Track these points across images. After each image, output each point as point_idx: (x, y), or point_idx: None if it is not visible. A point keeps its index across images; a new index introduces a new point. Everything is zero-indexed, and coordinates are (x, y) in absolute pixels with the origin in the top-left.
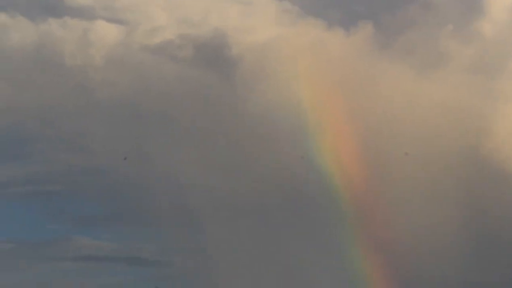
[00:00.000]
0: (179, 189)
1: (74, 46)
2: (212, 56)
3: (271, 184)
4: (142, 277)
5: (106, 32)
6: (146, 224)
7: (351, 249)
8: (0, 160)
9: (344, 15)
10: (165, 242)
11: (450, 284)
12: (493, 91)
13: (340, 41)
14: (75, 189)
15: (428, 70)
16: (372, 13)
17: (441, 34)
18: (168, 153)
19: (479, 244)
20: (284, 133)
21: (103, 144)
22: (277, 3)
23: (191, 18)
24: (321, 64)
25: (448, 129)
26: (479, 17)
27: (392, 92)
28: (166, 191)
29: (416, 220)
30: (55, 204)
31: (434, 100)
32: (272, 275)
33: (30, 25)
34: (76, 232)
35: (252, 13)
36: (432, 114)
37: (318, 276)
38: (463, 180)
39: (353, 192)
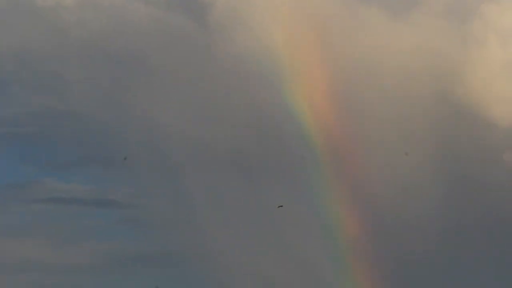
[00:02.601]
0: (153, 133)
1: None
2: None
3: (246, 129)
4: (114, 220)
5: None
6: (119, 167)
7: (325, 193)
8: None
9: None
10: (138, 185)
11: (424, 225)
12: (467, 35)
13: None
14: (48, 131)
15: (401, 14)
16: None
17: None
18: (142, 96)
19: (453, 186)
20: (259, 78)
21: (77, 86)
22: None
23: None
24: (295, 9)
25: (421, 73)
26: None
27: (365, 36)
28: (140, 135)
29: (390, 162)
30: (27, 147)
31: (407, 44)
32: (246, 220)
33: None
34: (48, 174)
35: None
36: (405, 58)
37: (292, 221)
38: (437, 124)
39: (328, 136)
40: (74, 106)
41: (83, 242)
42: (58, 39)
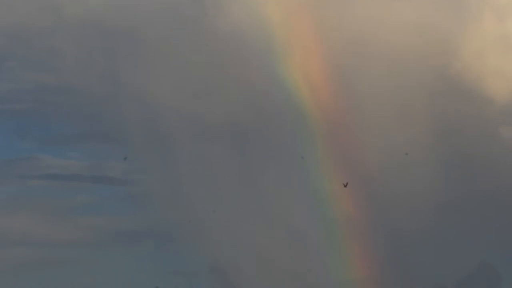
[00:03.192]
0: (149, 109)
1: None
2: None
3: (241, 103)
4: (109, 196)
5: None
6: (115, 143)
7: (319, 167)
8: None
9: None
10: (133, 161)
11: (420, 202)
12: (462, 11)
13: None
14: (43, 107)
15: None
16: None
17: None
18: (138, 71)
19: (449, 161)
20: (253, 52)
21: (73, 62)
22: None
23: None
24: None
25: (417, 47)
26: None
27: (361, 10)
28: (136, 110)
29: (385, 138)
30: (23, 123)
31: (404, 19)
32: (240, 195)
33: None
34: (43, 150)
35: None
36: (401, 32)
37: (284, 194)
38: (432, 99)
39: (322, 109)
40: (70, 82)
41: (79, 217)
42: (54, 16)
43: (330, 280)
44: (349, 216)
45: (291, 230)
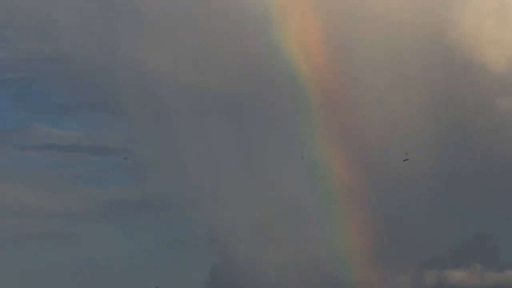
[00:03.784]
0: (147, 79)
1: None
2: None
3: (238, 74)
4: (106, 166)
5: None
6: (112, 113)
7: (316, 137)
8: None
9: None
10: (130, 132)
11: (417, 172)
12: None
13: None
14: (40, 77)
15: None
16: None
17: None
18: (135, 41)
19: (445, 131)
20: (251, 23)
21: (70, 32)
22: None
23: None
24: None
25: (413, 17)
26: None
27: None
28: (134, 80)
29: (382, 107)
30: (20, 92)
31: None
32: (237, 164)
33: None
34: (40, 120)
35: None
36: (398, 1)
37: (281, 164)
38: (429, 69)
39: (319, 80)
40: (67, 51)
41: (77, 188)
42: None
43: (327, 251)
44: (346, 186)
45: (289, 201)
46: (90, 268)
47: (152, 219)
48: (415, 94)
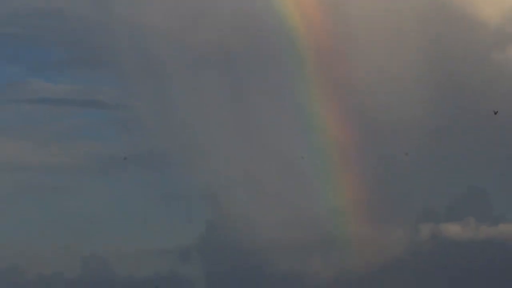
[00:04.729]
0: (141, 34)
1: None
2: None
3: (233, 31)
4: (99, 120)
5: None
6: (106, 68)
7: (310, 93)
8: None
9: None
10: (124, 86)
11: (411, 127)
12: None
13: None
14: (34, 32)
15: None
16: None
17: None
18: None
19: (441, 85)
20: None
21: None
22: None
23: None
24: None
25: None
26: None
27: None
28: (127, 36)
29: (377, 63)
30: (14, 47)
31: None
32: (231, 120)
33: None
34: (34, 75)
35: None
36: None
37: (275, 120)
38: (423, 23)
39: (313, 34)
40: (60, 6)
41: (70, 143)
42: None
43: (321, 206)
44: (339, 141)
45: (283, 157)
46: (82, 222)
47: (146, 174)
48: (409, 49)
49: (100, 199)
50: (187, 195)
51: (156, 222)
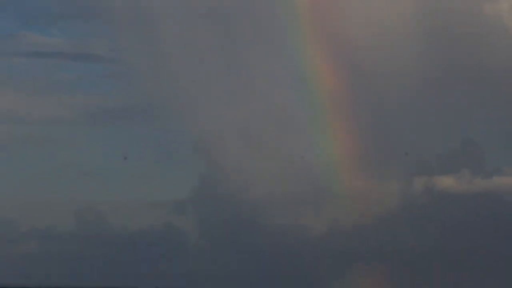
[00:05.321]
0: None
1: None
2: None
3: None
4: (94, 74)
5: None
6: (99, 21)
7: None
8: None
9: None
10: (116, 39)
11: (404, 78)
12: None
13: None
14: None
15: None
16: None
17: None
18: None
19: (433, 39)
20: None
21: None
22: None
23: None
24: None
25: None
26: None
27: None
28: None
29: (370, 13)
30: (7, 1)
31: None
32: (224, 73)
33: None
34: (27, 28)
35: None
36: None
37: (267, 73)
38: None
39: None
40: None
41: (65, 96)
42: None
43: (314, 157)
44: (333, 93)
45: (276, 108)
46: (76, 175)
47: (140, 127)
48: (402, 2)
49: (94, 152)
50: (180, 148)
51: (150, 175)
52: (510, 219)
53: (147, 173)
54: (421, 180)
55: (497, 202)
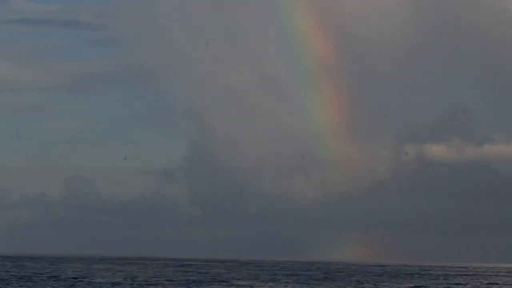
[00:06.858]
0: None
1: None
2: None
3: None
4: (80, 40)
5: None
6: None
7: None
8: None
9: None
10: (105, 5)
11: (395, 43)
12: None
13: None
14: None
15: None
16: None
17: None
18: None
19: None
20: None
21: None
22: None
23: None
24: None
25: None
26: None
27: None
28: None
29: None
30: None
31: None
32: (214, 37)
33: None
34: None
35: None
36: None
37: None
38: None
39: None
40: None
41: (51, 62)
42: None
43: (306, 124)
44: (324, 61)
45: (267, 74)
46: (65, 142)
47: (129, 93)
48: None
49: (82, 118)
50: (170, 115)
51: (138, 141)
52: (498, 187)
53: (137, 140)
54: (412, 148)
55: (488, 170)
